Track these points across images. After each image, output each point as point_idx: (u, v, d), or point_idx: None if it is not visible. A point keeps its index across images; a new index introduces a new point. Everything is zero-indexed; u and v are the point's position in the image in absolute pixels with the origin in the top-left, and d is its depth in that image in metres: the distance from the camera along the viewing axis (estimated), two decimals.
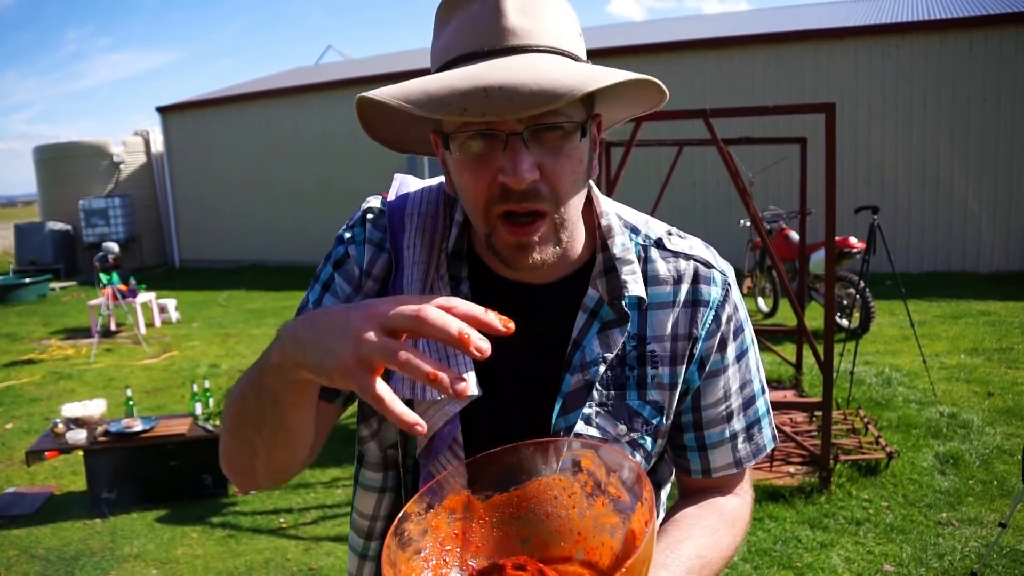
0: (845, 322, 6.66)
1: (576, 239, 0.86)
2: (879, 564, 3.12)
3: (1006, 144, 9.65)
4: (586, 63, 0.76)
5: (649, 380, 0.86)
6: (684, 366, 0.87)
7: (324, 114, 13.72)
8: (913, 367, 5.70)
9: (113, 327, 9.03)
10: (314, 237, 13.10)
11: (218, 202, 15.26)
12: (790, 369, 5.52)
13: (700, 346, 0.87)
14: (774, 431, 0.95)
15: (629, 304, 0.85)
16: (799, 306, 4.47)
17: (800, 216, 5.45)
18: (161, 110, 15.83)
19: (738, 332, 0.90)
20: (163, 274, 14.70)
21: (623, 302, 0.84)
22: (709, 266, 0.89)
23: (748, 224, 7.35)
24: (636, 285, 0.84)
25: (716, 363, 0.88)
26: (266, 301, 11.01)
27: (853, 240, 6.57)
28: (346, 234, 0.91)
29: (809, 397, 4.97)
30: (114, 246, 9.02)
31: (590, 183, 0.87)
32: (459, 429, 0.83)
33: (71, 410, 4.26)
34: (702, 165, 10.39)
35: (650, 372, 0.86)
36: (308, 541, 3.63)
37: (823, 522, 3.47)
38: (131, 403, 4.40)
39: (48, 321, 10.25)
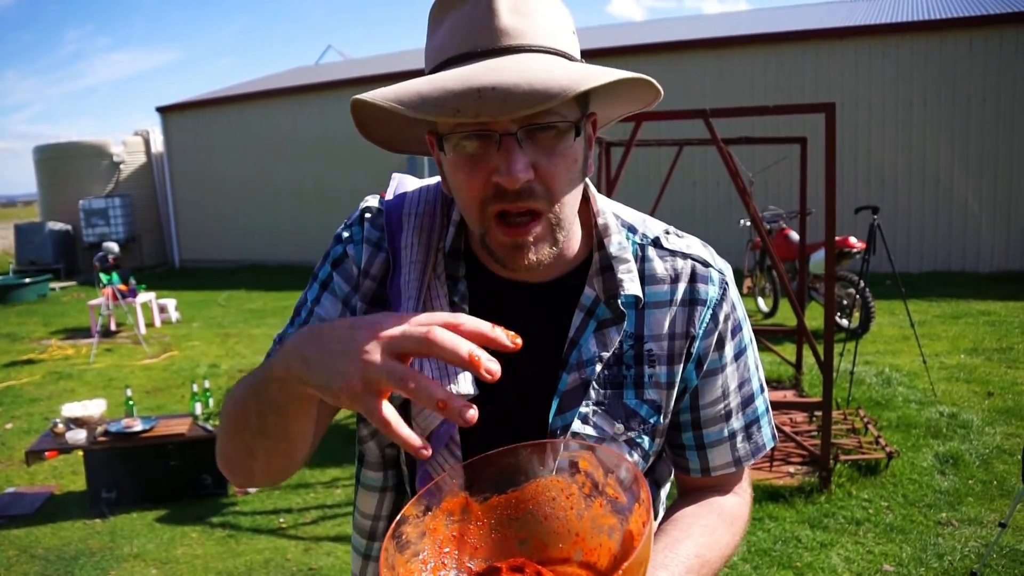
0: (845, 322, 6.66)
1: (573, 238, 0.86)
2: (879, 564, 3.12)
3: (1006, 144, 9.65)
4: (580, 62, 0.76)
5: (646, 379, 0.86)
6: (681, 365, 0.87)
7: (324, 114, 13.71)
8: (913, 367, 5.70)
9: (113, 327, 9.03)
10: (314, 237, 13.10)
11: (218, 202, 15.26)
12: (790, 369, 5.52)
13: (697, 345, 0.87)
14: (773, 430, 0.95)
15: (626, 303, 0.85)
16: (799, 306, 4.46)
17: (800, 216, 5.45)
18: (161, 110, 15.84)
19: (736, 331, 0.90)
20: (163, 274, 14.70)
21: (619, 301, 0.84)
22: (707, 265, 0.88)
23: (748, 224, 7.35)
24: (632, 284, 0.84)
25: (714, 362, 0.88)
26: (266, 301, 11.01)
27: (853, 240, 6.56)
28: (344, 233, 0.91)
29: (809, 397, 4.97)
30: (114, 246, 9.02)
31: (587, 182, 0.87)
32: (456, 428, 0.83)
33: (71, 410, 4.26)
34: (702, 165, 10.39)
35: (647, 371, 0.86)
36: (308, 541, 3.63)
37: (823, 522, 3.47)
38: (131, 403, 4.40)
39: (48, 321, 10.25)
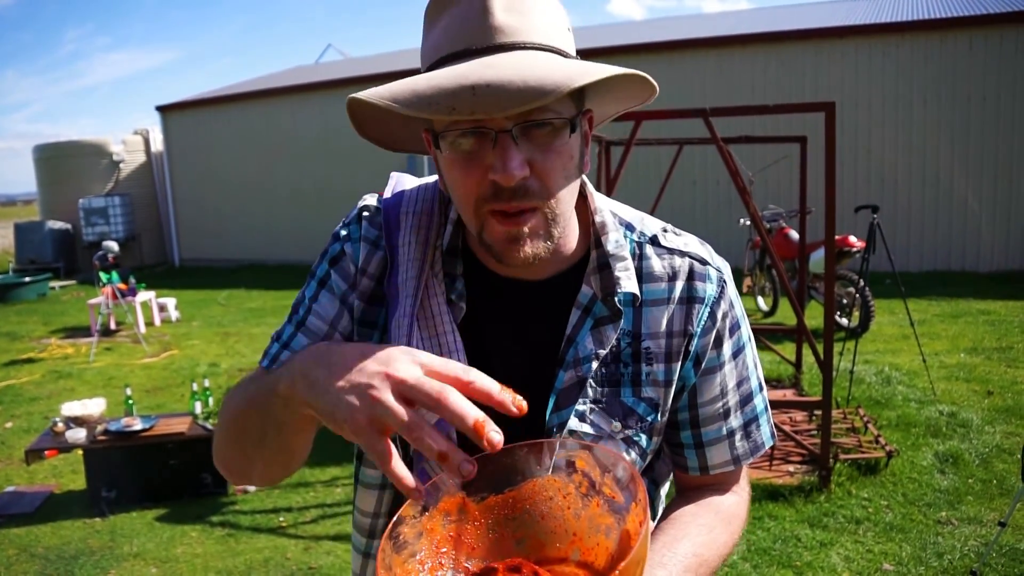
0: (845, 321, 6.66)
1: (569, 235, 0.86)
2: (879, 563, 3.12)
3: (1006, 143, 9.65)
4: (575, 59, 0.76)
5: (644, 377, 0.86)
6: (679, 363, 0.87)
7: (324, 113, 13.71)
8: (913, 366, 5.70)
9: (113, 326, 9.03)
10: (314, 236, 13.09)
11: (218, 201, 15.26)
12: (790, 368, 5.52)
13: (695, 343, 0.87)
14: (772, 429, 0.95)
15: (623, 301, 0.85)
16: (799, 305, 4.46)
17: (800, 215, 5.45)
18: (161, 109, 15.83)
19: (734, 329, 0.89)
20: (163, 273, 14.71)
21: (616, 299, 0.84)
22: (704, 263, 0.88)
23: (748, 223, 7.35)
24: (629, 282, 0.84)
25: (712, 360, 0.88)
26: (266, 300, 11.01)
27: (853, 239, 6.56)
28: (342, 231, 0.91)
29: (809, 396, 4.98)
30: (114, 245, 9.01)
31: (585, 180, 0.87)
32: (453, 427, 0.83)
33: (71, 409, 4.26)
34: (702, 164, 10.39)
35: (645, 369, 0.86)
36: (308, 540, 3.63)
37: (823, 521, 3.47)
38: (131, 402, 4.40)
39: (48, 320, 10.26)
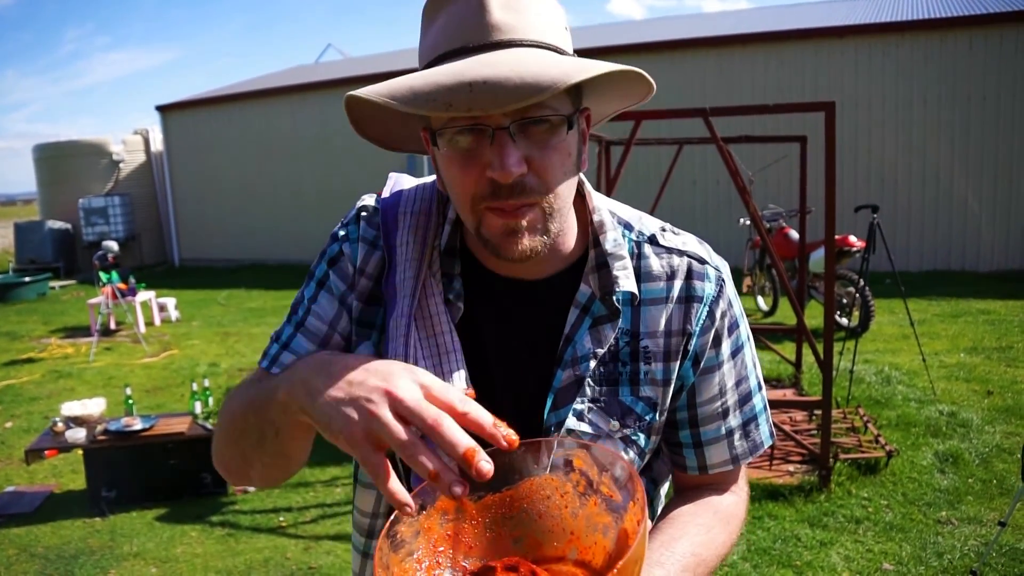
0: (845, 321, 6.66)
1: (568, 233, 0.86)
2: (878, 562, 3.12)
3: (1006, 143, 9.64)
4: (572, 57, 0.76)
5: (642, 376, 0.86)
6: (678, 362, 0.87)
7: (324, 113, 13.70)
8: (913, 366, 5.70)
9: (113, 326, 9.04)
10: (314, 236, 13.09)
11: (218, 201, 15.26)
12: (789, 368, 5.52)
13: (694, 342, 0.87)
14: (771, 428, 0.95)
15: (621, 300, 0.84)
16: (799, 305, 4.46)
17: (800, 215, 5.45)
18: (161, 109, 15.83)
19: (733, 328, 0.89)
20: (163, 273, 14.71)
21: (615, 298, 0.84)
22: (703, 262, 0.88)
23: (748, 223, 7.35)
24: (627, 281, 0.84)
25: (711, 359, 0.88)
26: (266, 300, 11.01)
27: (853, 239, 6.56)
28: (340, 232, 0.91)
29: (808, 396, 4.98)
30: (114, 245, 9.02)
31: (583, 180, 0.87)
32: None
33: (70, 409, 4.26)
34: (702, 164, 10.39)
35: (643, 368, 0.86)
36: (308, 540, 3.63)
37: (823, 520, 3.47)
38: (130, 402, 4.40)
39: (48, 320, 10.26)
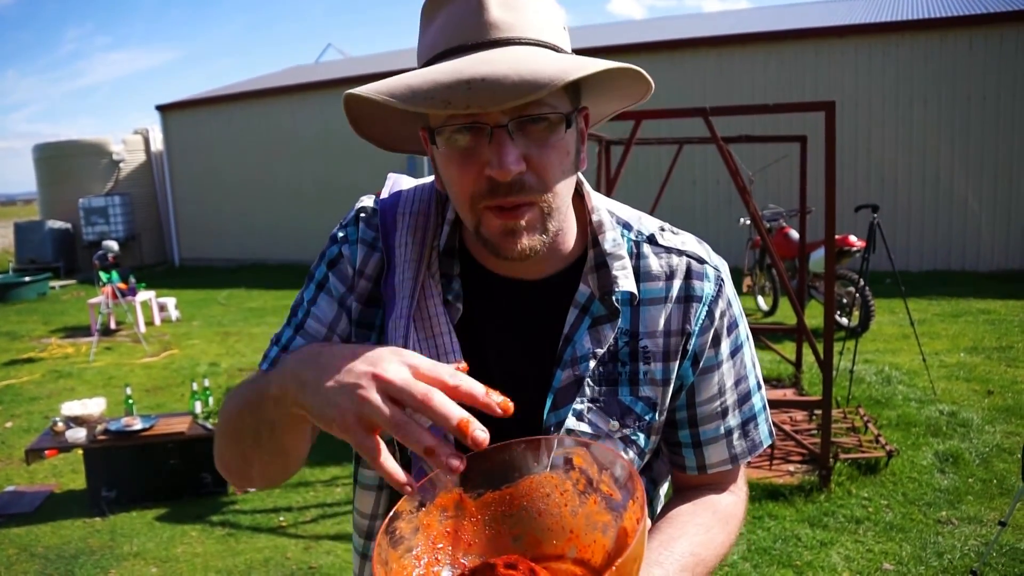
0: (845, 320, 6.66)
1: (567, 233, 0.86)
2: (879, 562, 3.12)
3: (1006, 143, 9.64)
4: (570, 55, 0.76)
5: (641, 376, 0.86)
6: (677, 362, 0.87)
7: (324, 112, 13.70)
8: (913, 365, 5.70)
9: (113, 325, 9.04)
10: (314, 235, 13.09)
11: (218, 200, 15.26)
12: (790, 367, 5.52)
13: (693, 342, 0.87)
14: (771, 428, 0.95)
15: (621, 300, 0.84)
16: (799, 304, 4.46)
17: (800, 214, 5.45)
18: (161, 108, 15.83)
19: (732, 328, 0.89)
20: (163, 272, 14.71)
21: (614, 298, 0.84)
22: (702, 262, 0.88)
23: (748, 222, 7.35)
24: (627, 280, 0.84)
25: (710, 359, 0.88)
26: (266, 300, 11.01)
27: (853, 238, 6.56)
28: (340, 233, 0.91)
29: (809, 395, 4.98)
30: (114, 244, 9.02)
31: (582, 179, 0.87)
32: None
33: (71, 408, 4.26)
34: (702, 163, 10.39)
35: (642, 368, 0.86)
36: (308, 540, 3.63)
37: (823, 520, 3.47)
38: (131, 401, 4.40)
39: (48, 319, 10.26)
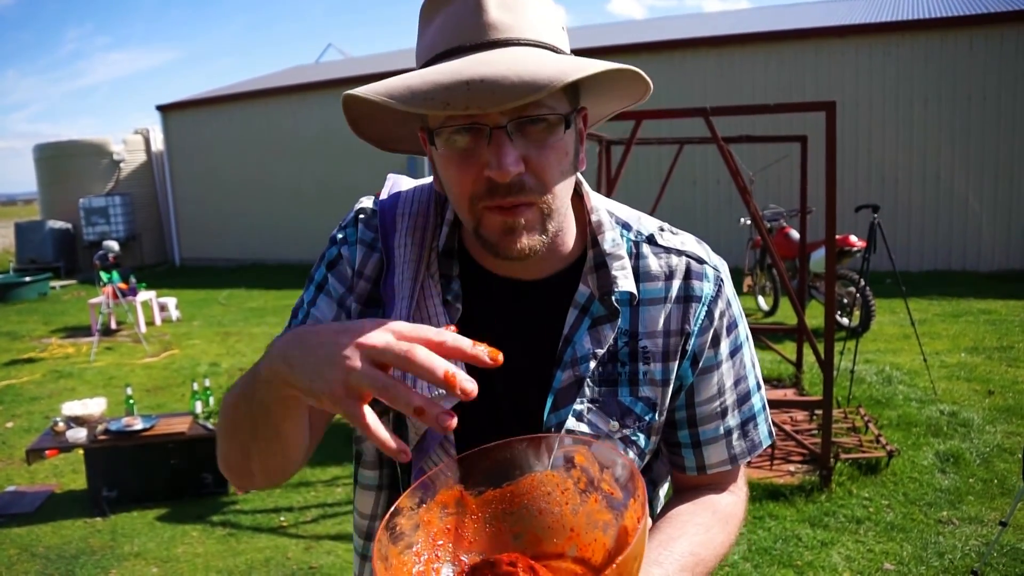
0: (845, 320, 6.65)
1: (566, 233, 0.86)
2: (879, 562, 3.12)
3: (1007, 143, 9.64)
4: (569, 56, 0.76)
5: (641, 376, 0.86)
6: (677, 362, 0.87)
7: (324, 112, 13.70)
8: (913, 365, 5.69)
9: (113, 325, 9.04)
10: (314, 235, 13.09)
11: (218, 201, 15.26)
12: (790, 367, 5.52)
13: (693, 342, 0.87)
14: (770, 428, 0.95)
15: (620, 300, 0.85)
16: (799, 304, 4.46)
17: (800, 214, 5.45)
18: (161, 108, 15.83)
19: (731, 328, 0.89)
20: (163, 272, 14.71)
21: (613, 298, 0.84)
22: (701, 262, 0.88)
23: (748, 222, 7.35)
24: (626, 281, 0.84)
25: (709, 359, 0.88)
26: (266, 299, 11.01)
27: (853, 238, 6.56)
28: (339, 235, 0.91)
29: (809, 395, 4.97)
30: (114, 244, 9.02)
31: (581, 180, 0.87)
32: None
33: (71, 408, 4.26)
34: (702, 163, 10.39)
35: (642, 368, 0.86)
36: (308, 540, 3.63)
37: (823, 520, 3.46)
38: (131, 401, 4.40)
39: (48, 319, 10.26)
